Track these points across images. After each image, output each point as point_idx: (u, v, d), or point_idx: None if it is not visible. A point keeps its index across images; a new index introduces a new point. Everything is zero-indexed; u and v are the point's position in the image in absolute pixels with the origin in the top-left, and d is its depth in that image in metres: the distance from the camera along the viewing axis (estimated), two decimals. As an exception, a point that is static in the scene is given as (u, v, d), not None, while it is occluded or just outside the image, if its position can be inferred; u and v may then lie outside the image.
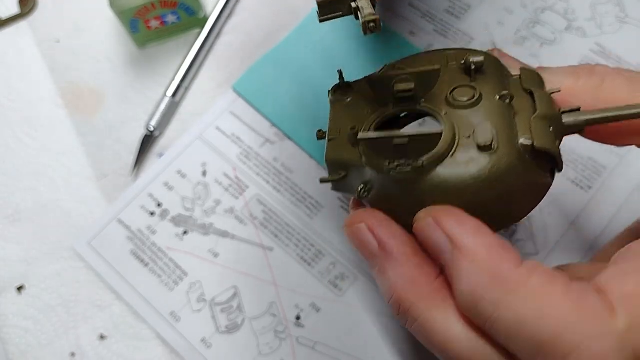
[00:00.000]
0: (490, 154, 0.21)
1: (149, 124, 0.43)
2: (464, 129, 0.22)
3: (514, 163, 0.21)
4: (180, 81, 0.44)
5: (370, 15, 0.20)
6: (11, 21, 0.48)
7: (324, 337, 0.38)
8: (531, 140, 0.21)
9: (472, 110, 0.22)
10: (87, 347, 0.39)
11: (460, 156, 0.21)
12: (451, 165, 0.21)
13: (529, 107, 0.23)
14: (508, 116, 0.22)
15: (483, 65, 0.23)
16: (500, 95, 0.23)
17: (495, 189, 0.21)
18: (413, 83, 0.23)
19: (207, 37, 0.46)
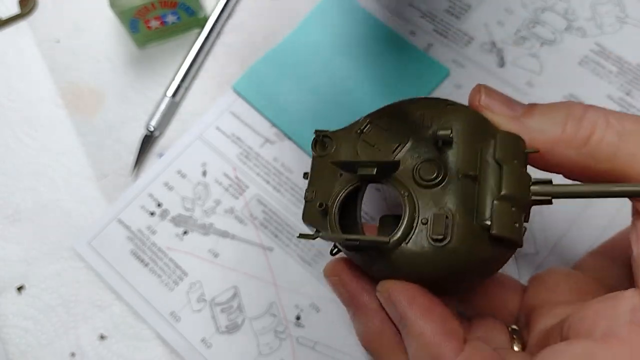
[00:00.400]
0: (441, 246, 0.22)
1: (149, 124, 0.43)
2: (425, 211, 0.23)
3: (468, 249, 0.22)
4: (180, 81, 0.44)
5: None
6: (11, 21, 0.48)
7: (324, 337, 0.38)
8: (489, 224, 0.22)
9: (435, 190, 0.23)
10: (87, 347, 0.39)
11: (417, 240, 0.23)
12: (409, 247, 0.23)
13: (496, 183, 0.23)
14: (470, 196, 0.23)
15: (451, 140, 0.23)
16: (465, 174, 0.23)
17: (448, 269, 0.23)
18: (375, 169, 0.24)
19: (207, 37, 0.46)
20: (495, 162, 0.23)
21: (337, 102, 0.43)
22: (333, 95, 0.43)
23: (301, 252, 0.40)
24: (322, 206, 0.25)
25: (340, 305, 0.38)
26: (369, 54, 0.44)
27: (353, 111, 0.42)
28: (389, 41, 0.45)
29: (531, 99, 0.42)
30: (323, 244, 0.40)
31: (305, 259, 0.39)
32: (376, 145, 0.25)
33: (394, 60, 0.44)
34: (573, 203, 0.39)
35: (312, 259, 0.39)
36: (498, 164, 0.23)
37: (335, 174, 0.26)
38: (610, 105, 0.42)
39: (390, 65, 0.44)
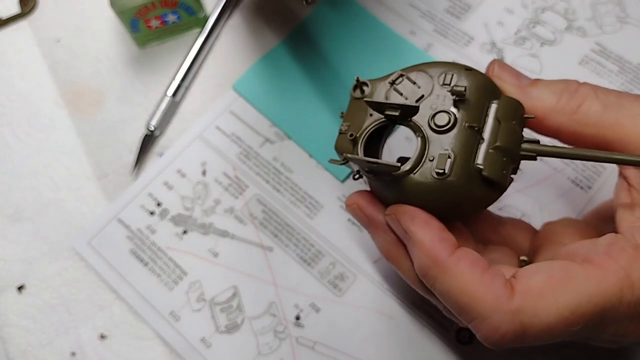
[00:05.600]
0: (442, 179, 0.27)
1: (149, 124, 0.43)
2: (433, 150, 0.28)
3: (463, 184, 0.27)
4: (181, 81, 0.44)
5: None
6: (11, 21, 0.48)
7: (324, 337, 0.38)
8: (482, 167, 0.27)
9: (443, 135, 0.28)
10: (87, 346, 0.39)
11: (424, 172, 0.28)
12: (416, 177, 0.28)
13: (493, 135, 0.28)
14: (471, 143, 0.28)
15: (464, 96, 0.28)
16: (470, 125, 0.28)
17: (446, 199, 0.28)
18: (398, 111, 0.29)
19: (208, 37, 0.46)
20: (497, 119, 0.28)
21: (337, 101, 0.43)
22: (333, 94, 0.43)
23: (301, 252, 0.40)
24: (352, 136, 0.30)
25: (339, 305, 0.38)
26: (369, 54, 0.44)
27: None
28: (389, 41, 0.45)
29: (531, 98, 0.42)
30: (323, 243, 0.40)
31: (305, 258, 0.39)
32: (404, 94, 0.30)
33: (394, 60, 0.44)
34: (573, 203, 0.39)
35: (311, 259, 0.39)
36: (498, 121, 0.28)
37: (366, 113, 0.30)
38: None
39: (391, 65, 0.43)
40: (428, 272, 0.28)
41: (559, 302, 0.25)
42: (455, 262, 0.27)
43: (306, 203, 0.41)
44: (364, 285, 0.39)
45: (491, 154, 0.28)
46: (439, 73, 0.29)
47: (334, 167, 0.41)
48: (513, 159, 0.28)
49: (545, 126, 0.30)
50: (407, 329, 0.38)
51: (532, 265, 0.28)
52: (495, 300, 0.26)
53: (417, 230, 0.28)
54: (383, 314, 0.38)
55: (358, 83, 0.31)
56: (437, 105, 0.29)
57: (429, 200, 0.28)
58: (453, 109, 0.28)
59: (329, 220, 0.40)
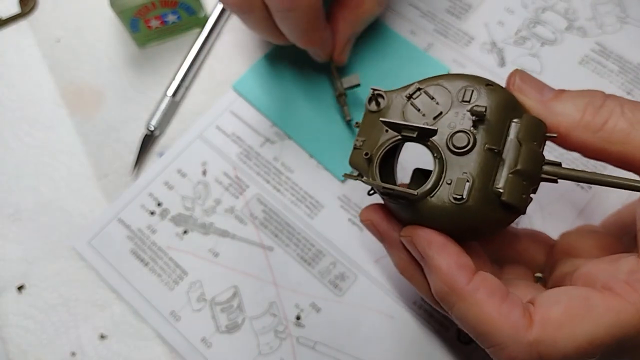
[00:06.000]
0: (459, 204, 0.27)
1: (150, 124, 0.43)
2: (451, 172, 0.27)
3: (481, 209, 0.27)
4: (181, 80, 0.44)
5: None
6: (11, 21, 0.48)
7: (324, 336, 0.38)
8: (502, 191, 0.27)
9: (462, 157, 0.27)
10: (87, 346, 0.39)
11: (441, 196, 0.27)
12: (433, 201, 0.27)
13: (514, 158, 0.27)
14: (491, 166, 0.27)
15: (484, 116, 0.27)
16: (490, 147, 0.27)
17: (463, 222, 0.27)
18: (416, 132, 0.28)
19: (207, 37, 0.46)
20: (517, 140, 0.27)
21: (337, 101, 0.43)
22: (333, 94, 0.43)
23: (301, 251, 0.40)
24: (368, 155, 0.29)
25: (340, 305, 0.38)
26: (369, 53, 0.44)
27: (353, 110, 0.42)
28: (389, 41, 0.45)
29: (532, 98, 0.42)
30: (323, 243, 0.40)
31: (305, 258, 0.39)
32: (421, 110, 0.29)
33: (394, 60, 0.44)
34: (573, 203, 0.39)
35: (312, 259, 0.39)
36: (519, 142, 0.27)
37: (382, 129, 0.29)
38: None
39: (391, 64, 0.44)
40: (445, 298, 0.27)
41: (577, 332, 0.25)
42: (473, 290, 0.26)
43: (306, 203, 0.41)
44: (364, 285, 0.39)
45: (511, 178, 0.27)
46: (459, 88, 0.28)
47: (334, 167, 0.41)
48: (533, 182, 0.28)
49: (568, 142, 0.28)
50: (407, 329, 0.38)
51: (551, 292, 0.27)
52: (513, 330, 0.25)
53: (434, 255, 0.27)
54: (384, 313, 0.38)
55: (373, 95, 0.30)
56: (455, 124, 0.28)
57: (446, 223, 0.27)
58: (472, 129, 0.27)
59: (329, 220, 0.40)
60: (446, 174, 0.27)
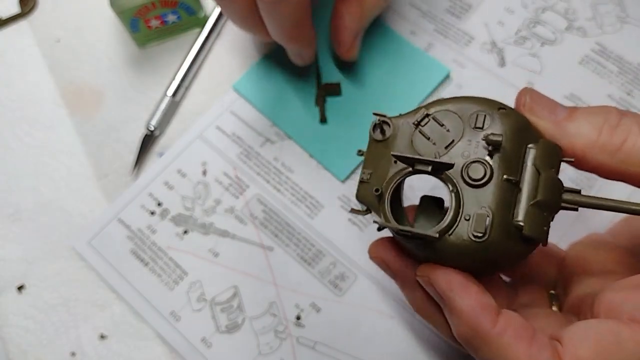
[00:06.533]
0: (480, 241, 0.25)
1: (149, 124, 0.43)
2: (468, 207, 0.26)
3: (502, 244, 0.25)
4: (181, 80, 0.44)
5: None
6: (11, 21, 0.48)
7: (324, 337, 0.38)
8: (522, 225, 0.25)
9: (479, 189, 0.26)
10: (87, 346, 0.39)
11: (459, 233, 0.26)
12: (451, 239, 0.26)
13: (533, 188, 0.26)
14: (510, 198, 0.26)
15: (500, 145, 0.26)
16: (507, 178, 0.25)
17: (484, 258, 0.26)
18: (430, 167, 0.26)
19: (207, 37, 0.45)
20: (535, 168, 0.26)
21: (337, 101, 0.43)
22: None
23: (301, 251, 0.40)
24: (378, 191, 0.27)
25: (340, 305, 0.38)
26: (369, 54, 0.44)
27: (353, 111, 0.42)
28: (389, 41, 0.45)
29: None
30: (323, 243, 0.40)
31: (306, 258, 0.39)
32: (431, 138, 0.27)
33: (394, 60, 0.44)
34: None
35: (312, 259, 0.39)
36: (537, 170, 0.26)
37: (390, 160, 0.28)
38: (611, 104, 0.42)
39: (391, 64, 0.44)
40: (470, 342, 0.26)
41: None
42: (500, 333, 0.25)
43: (307, 203, 0.41)
44: (364, 285, 0.39)
45: (531, 210, 0.26)
46: (470, 113, 0.27)
47: (334, 166, 0.41)
48: (553, 211, 0.26)
49: (584, 164, 0.27)
50: (407, 329, 0.38)
51: (578, 328, 0.26)
52: None
53: (455, 297, 0.26)
54: (383, 313, 0.38)
55: (378, 123, 0.28)
56: (469, 153, 0.26)
57: (466, 260, 0.26)
58: (488, 158, 0.26)
59: (329, 220, 0.40)
60: (464, 208, 0.26)
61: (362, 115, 0.42)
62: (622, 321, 0.25)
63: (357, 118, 0.42)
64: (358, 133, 0.42)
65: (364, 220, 0.40)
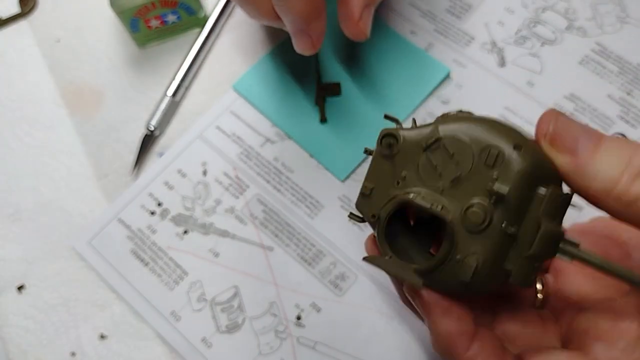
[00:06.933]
0: (466, 283, 0.25)
1: (149, 124, 0.43)
2: (461, 248, 0.25)
3: (487, 286, 0.26)
4: (181, 80, 0.44)
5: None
6: (11, 21, 0.48)
7: (325, 336, 0.38)
8: (510, 271, 0.25)
9: (475, 234, 0.25)
10: (87, 346, 0.39)
11: (447, 272, 0.26)
12: (440, 274, 0.26)
13: (530, 242, 0.25)
14: (504, 247, 0.25)
15: (504, 197, 0.24)
16: (505, 230, 0.25)
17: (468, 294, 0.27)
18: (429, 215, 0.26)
19: (207, 37, 0.45)
20: (537, 221, 0.25)
21: (337, 101, 0.43)
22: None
23: (301, 251, 0.40)
24: (374, 217, 0.27)
25: (340, 305, 0.38)
26: (370, 53, 0.44)
27: (353, 111, 0.42)
28: (390, 40, 0.45)
29: (532, 98, 0.42)
30: (323, 243, 0.40)
31: (306, 258, 0.39)
32: (438, 167, 0.26)
33: (394, 60, 0.44)
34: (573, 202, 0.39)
35: (312, 259, 0.39)
36: (538, 223, 0.25)
37: (394, 179, 0.27)
38: (611, 104, 0.42)
39: (391, 64, 0.44)
40: (444, 356, 0.28)
41: None
42: (470, 358, 0.27)
43: (307, 203, 0.41)
44: (364, 285, 0.39)
45: (522, 261, 0.25)
46: (482, 147, 0.25)
47: (334, 167, 0.41)
48: (545, 260, 0.26)
49: (596, 205, 0.26)
50: (407, 329, 0.37)
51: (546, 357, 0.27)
52: None
53: (436, 320, 0.27)
54: (384, 313, 0.38)
55: (386, 136, 0.27)
56: (474, 191, 0.25)
57: (449, 291, 0.27)
58: (490, 205, 0.25)
59: (329, 220, 0.40)
60: (455, 250, 0.25)
61: (362, 115, 0.42)
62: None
63: (357, 118, 0.42)
64: (358, 133, 0.42)
65: (364, 220, 0.40)
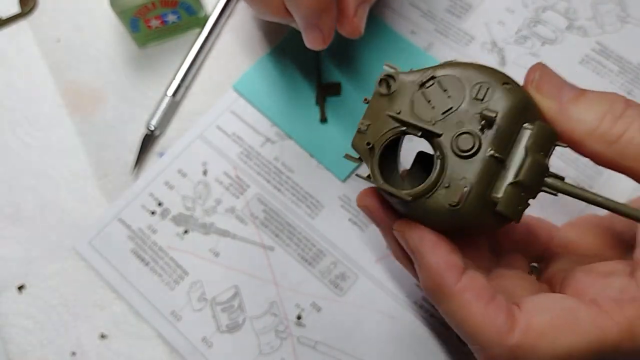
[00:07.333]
0: (454, 210, 0.26)
1: (150, 123, 0.43)
2: (450, 174, 0.26)
3: (475, 215, 0.26)
4: (181, 80, 0.44)
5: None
6: (11, 21, 0.48)
7: (325, 336, 0.38)
8: (498, 201, 0.26)
9: (465, 160, 0.26)
10: (87, 346, 0.39)
11: (436, 198, 0.27)
12: (428, 202, 0.27)
13: (517, 169, 0.26)
14: (492, 174, 0.26)
15: (493, 122, 0.26)
16: (494, 155, 0.26)
17: (456, 225, 0.27)
18: (420, 132, 0.27)
19: (208, 37, 0.45)
20: (525, 150, 0.26)
21: (337, 101, 0.43)
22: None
23: (302, 251, 0.40)
24: (369, 144, 0.29)
25: (341, 304, 0.38)
26: (370, 53, 0.44)
27: (353, 110, 0.42)
28: (390, 40, 0.45)
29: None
30: (324, 242, 0.40)
31: (306, 258, 0.39)
32: (431, 101, 0.28)
33: (394, 60, 0.44)
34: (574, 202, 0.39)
35: (312, 259, 0.39)
36: (526, 152, 0.26)
37: (385, 117, 0.29)
38: (611, 104, 0.42)
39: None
40: (433, 295, 0.28)
41: (558, 343, 0.25)
42: (460, 291, 0.27)
43: (307, 203, 0.41)
44: (365, 285, 0.39)
45: (510, 189, 0.26)
46: (474, 83, 0.27)
47: (334, 166, 0.41)
48: (532, 192, 0.27)
49: (580, 150, 0.28)
50: (408, 329, 0.37)
51: (539, 299, 0.27)
52: (496, 334, 0.26)
53: (425, 253, 0.27)
54: (384, 313, 0.38)
55: (384, 77, 0.29)
56: (464, 122, 0.27)
57: (439, 223, 0.27)
58: (480, 132, 0.26)
59: (330, 219, 0.40)
60: (445, 175, 0.27)
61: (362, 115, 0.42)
62: (584, 301, 0.26)
63: (357, 118, 0.42)
64: (358, 133, 0.42)
65: (364, 220, 0.40)
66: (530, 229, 0.34)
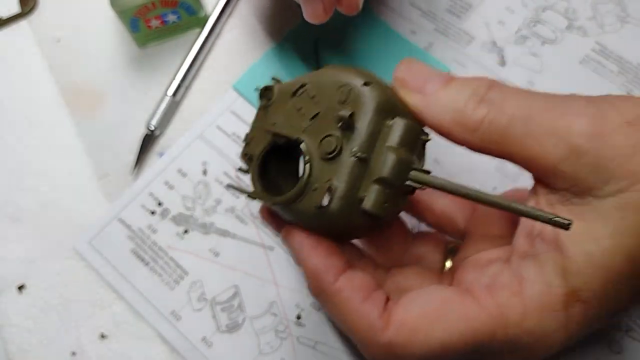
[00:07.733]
0: (322, 212, 0.27)
1: (150, 123, 0.43)
2: (318, 178, 0.27)
3: (343, 216, 0.27)
4: (181, 80, 0.44)
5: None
6: (12, 20, 0.48)
7: (325, 336, 0.38)
8: (364, 199, 0.27)
9: (329, 162, 0.27)
10: (87, 346, 0.39)
11: (306, 202, 0.27)
12: (299, 206, 0.27)
13: (379, 166, 0.26)
14: (357, 173, 0.27)
15: (349, 121, 0.26)
16: (356, 155, 0.26)
17: (327, 227, 0.28)
18: (283, 140, 0.28)
19: (208, 37, 0.45)
20: (385, 147, 0.27)
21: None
22: None
23: (302, 251, 0.40)
24: (246, 155, 0.30)
25: (341, 304, 0.38)
26: (370, 53, 0.44)
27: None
28: (390, 40, 0.45)
29: (532, 98, 0.42)
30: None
31: (306, 258, 0.39)
32: (302, 109, 0.29)
33: (394, 59, 0.44)
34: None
35: (312, 258, 0.39)
36: (386, 149, 0.27)
37: (263, 131, 0.30)
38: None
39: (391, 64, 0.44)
40: (316, 297, 0.28)
41: (430, 336, 0.25)
42: (338, 290, 0.27)
43: (307, 202, 0.41)
44: (365, 285, 0.39)
45: (373, 187, 0.26)
46: (337, 86, 0.28)
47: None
48: (398, 189, 0.27)
49: (453, 140, 0.27)
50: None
51: (418, 293, 0.27)
52: (370, 331, 0.26)
53: (304, 257, 0.28)
54: (384, 313, 0.38)
55: (262, 89, 0.30)
56: (328, 126, 0.27)
57: (312, 226, 0.28)
58: (340, 134, 0.27)
59: (330, 219, 0.40)
60: (314, 179, 0.27)
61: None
62: (459, 290, 0.27)
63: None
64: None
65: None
66: (427, 240, 0.33)
